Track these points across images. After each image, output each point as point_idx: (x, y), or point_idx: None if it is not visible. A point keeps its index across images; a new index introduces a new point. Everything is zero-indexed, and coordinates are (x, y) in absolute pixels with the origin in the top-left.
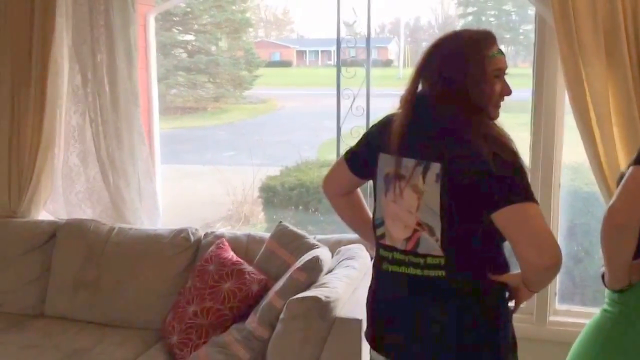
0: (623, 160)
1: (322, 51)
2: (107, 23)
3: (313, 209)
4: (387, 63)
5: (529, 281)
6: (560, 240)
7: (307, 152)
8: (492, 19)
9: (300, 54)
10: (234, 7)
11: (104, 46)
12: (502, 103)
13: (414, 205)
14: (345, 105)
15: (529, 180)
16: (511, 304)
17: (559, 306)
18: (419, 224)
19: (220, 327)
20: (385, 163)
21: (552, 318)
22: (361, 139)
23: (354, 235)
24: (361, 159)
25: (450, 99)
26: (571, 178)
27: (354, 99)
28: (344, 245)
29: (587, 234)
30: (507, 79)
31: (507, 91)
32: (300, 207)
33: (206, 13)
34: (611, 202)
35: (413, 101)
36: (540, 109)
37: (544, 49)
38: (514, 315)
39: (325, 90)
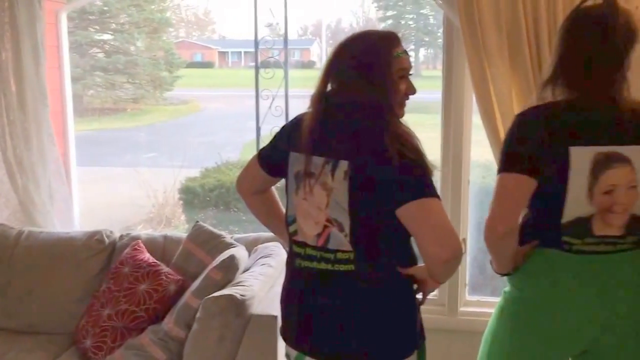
0: None
1: (244, 52)
2: (12, 20)
3: (235, 209)
4: (310, 64)
5: (433, 273)
6: (471, 234)
7: (230, 153)
8: (410, 22)
9: (223, 55)
10: (153, 7)
11: (9, 44)
12: (418, 105)
13: (324, 202)
14: (265, 105)
15: (435, 176)
16: (419, 295)
17: (469, 297)
18: (328, 220)
19: (136, 329)
20: (296, 161)
21: (462, 309)
22: (273, 138)
23: (271, 234)
24: (273, 158)
25: (357, 98)
26: (483, 175)
27: (273, 100)
28: (262, 243)
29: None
30: (422, 80)
31: (412, 90)
32: (222, 208)
33: (124, 12)
34: (489, 212)
35: (322, 101)
36: (449, 109)
37: (452, 51)
38: (427, 307)
39: (247, 92)
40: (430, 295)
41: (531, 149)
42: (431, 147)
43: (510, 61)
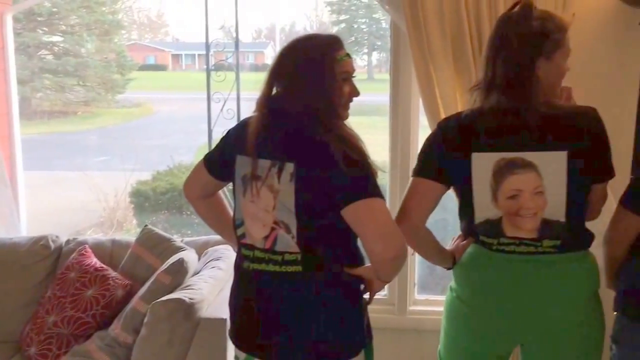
0: None
1: (198, 55)
2: None
3: (187, 212)
4: (264, 67)
5: (379, 272)
6: None
7: (183, 155)
8: (363, 27)
9: (176, 57)
10: (104, 9)
11: None
12: (371, 107)
13: (271, 205)
14: (218, 108)
15: (384, 178)
16: (367, 295)
17: (418, 296)
18: (275, 223)
19: (83, 335)
20: (243, 165)
21: (412, 308)
22: (219, 142)
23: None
24: (220, 162)
25: (302, 100)
26: None
27: (225, 103)
28: (212, 246)
29: (445, 229)
30: (374, 83)
31: (355, 93)
32: (174, 211)
33: (74, 13)
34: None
35: (268, 104)
36: (396, 112)
37: (399, 55)
38: (377, 307)
39: (200, 94)
40: (380, 295)
41: (440, 155)
42: (384, 148)
43: (454, 65)
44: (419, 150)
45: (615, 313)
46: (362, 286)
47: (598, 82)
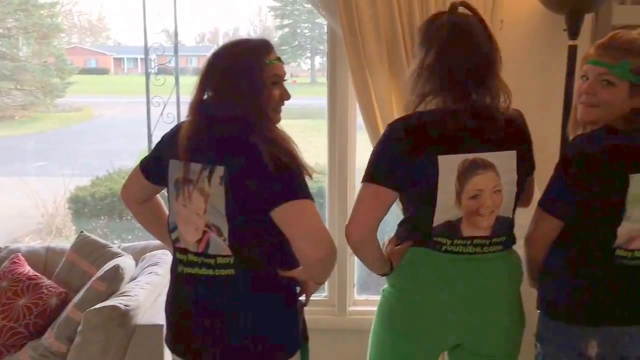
0: None
1: (141, 59)
2: None
3: (128, 217)
4: None
5: (309, 273)
6: None
7: (125, 160)
8: (306, 31)
9: (118, 61)
10: (42, 12)
11: None
12: (314, 110)
13: (202, 208)
14: (158, 112)
15: (322, 181)
16: (302, 297)
17: (357, 296)
18: (207, 226)
19: (15, 345)
20: (175, 169)
21: (351, 308)
22: (154, 147)
23: (159, 241)
24: (155, 166)
25: (231, 104)
26: None
27: (164, 107)
28: (150, 251)
29: (384, 230)
30: (317, 87)
31: (286, 96)
32: (115, 216)
33: (10, 16)
34: (348, 219)
35: (199, 108)
36: (334, 115)
37: (335, 59)
38: (317, 308)
39: (142, 98)
40: (320, 296)
41: (395, 161)
42: (326, 151)
43: (389, 68)
44: (358, 154)
45: (538, 311)
46: (297, 288)
47: (525, 87)
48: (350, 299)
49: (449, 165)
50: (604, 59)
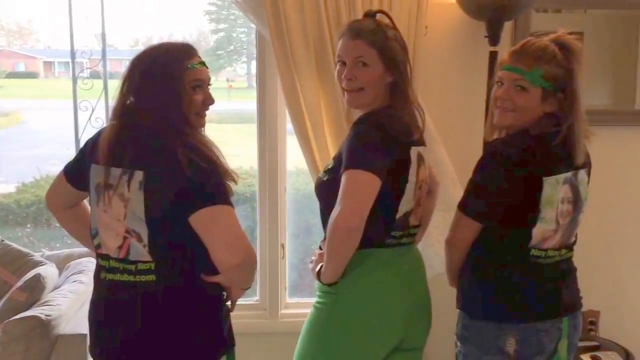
0: None
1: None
2: None
3: (56, 225)
4: None
5: (228, 279)
6: (290, 240)
7: (54, 166)
8: (242, 36)
9: (49, 64)
10: None
11: None
12: (251, 115)
13: (122, 213)
14: (86, 117)
15: (252, 185)
16: (228, 303)
17: (289, 299)
18: (127, 232)
19: None
20: (96, 174)
21: (283, 311)
22: (78, 152)
23: (85, 249)
24: (78, 172)
25: (151, 109)
26: (306, 182)
27: (93, 111)
28: (76, 259)
29: (319, 233)
30: (254, 91)
31: (210, 101)
32: (42, 224)
33: None
34: (337, 208)
35: (121, 112)
36: (264, 119)
37: (265, 63)
38: (249, 312)
39: (71, 103)
40: (252, 300)
41: (385, 152)
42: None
43: (318, 74)
44: (289, 157)
45: (458, 311)
46: (224, 294)
47: (449, 90)
48: (281, 302)
49: (413, 156)
50: (517, 66)
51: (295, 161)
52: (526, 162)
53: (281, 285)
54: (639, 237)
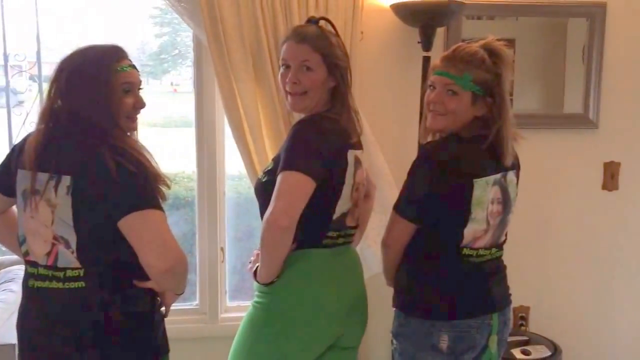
0: None
1: (11, 66)
2: None
3: None
4: None
5: (158, 284)
6: (230, 244)
7: None
8: (187, 40)
9: None
10: None
11: None
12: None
13: (49, 219)
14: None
15: (191, 189)
16: (163, 308)
17: (230, 303)
18: (55, 238)
19: None
20: (23, 179)
21: (223, 315)
22: (5, 157)
23: (16, 256)
24: (5, 178)
25: (79, 112)
26: (249, 186)
27: (27, 115)
28: (5, 267)
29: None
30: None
31: (141, 104)
32: None
33: None
34: (269, 208)
35: (49, 116)
36: (202, 123)
37: (202, 66)
38: (189, 317)
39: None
40: (191, 305)
41: (322, 155)
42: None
43: (255, 77)
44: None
45: (394, 309)
46: (157, 299)
47: (384, 94)
48: (222, 306)
49: (351, 159)
50: (449, 70)
51: (238, 165)
52: (457, 164)
53: (221, 289)
54: (565, 236)
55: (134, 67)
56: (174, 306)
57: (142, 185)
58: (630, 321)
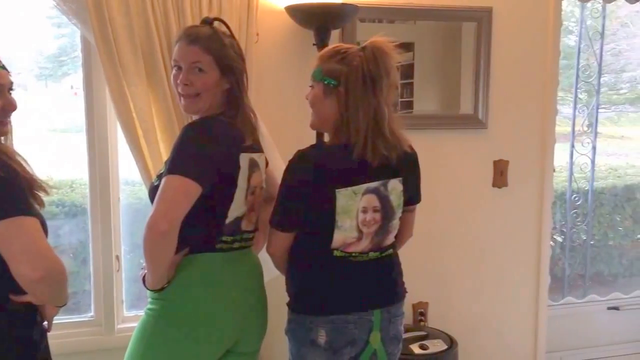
0: None
1: None
2: None
3: None
4: None
5: (37, 297)
6: (126, 252)
7: None
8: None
9: None
10: None
11: None
12: None
13: None
14: None
15: (84, 195)
16: (45, 323)
17: (127, 313)
18: None
19: None
20: None
21: (120, 326)
22: None
23: None
24: None
25: None
26: (133, 193)
27: None
28: None
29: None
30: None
31: (11, 107)
32: None
33: None
34: (151, 212)
35: None
36: (93, 128)
37: (91, 69)
38: (83, 329)
39: None
40: (86, 317)
41: (209, 158)
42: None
43: (147, 80)
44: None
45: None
46: (37, 315)
47: (281, 96)
48: (118, 316)
49: (244, 162)
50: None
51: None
52: (320, 175)
53: (117, 298)
54: (461, 234)
55: (4, 67)
56: (67, 320)
57: (11, 192)
58: (521, 313)
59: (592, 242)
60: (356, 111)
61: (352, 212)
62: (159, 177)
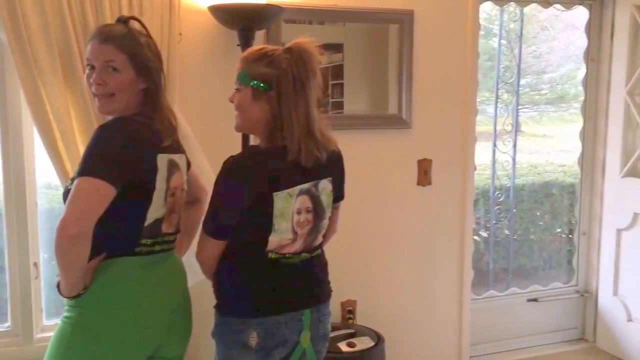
0: None
1: None
2: None
3: None
4: None
5: None
6: (45, 258)
7: None
8: None
9: None
10: None
11: None
12: None
13: None
14: None
15: None
16: None
17: (47, 322)
18: None
19: None
20: None
21: (39, 335)
22: None
23: None
24: None
25: None
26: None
27: None
28: None
29: None
30: None
31: None
32: None
33: None
34: (62, 215)
35: None
36: (7, 129)
37: (4, 68)
38: (1, 341)
39: None
40: (2, 327)
41: (123, 159)
42: None
43: (65, 80)
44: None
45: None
46: None
47: (205, 97)
48: (37, 325)
49: (162, 163)
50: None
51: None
52: (254, 180)
53: (36, 307)
54: (387, 232)
55: None
56: None
57: None
58: (446, 307)
59: (514, 237)
60: (289, 114)
61: (288, 214)
62: (73, 180)
